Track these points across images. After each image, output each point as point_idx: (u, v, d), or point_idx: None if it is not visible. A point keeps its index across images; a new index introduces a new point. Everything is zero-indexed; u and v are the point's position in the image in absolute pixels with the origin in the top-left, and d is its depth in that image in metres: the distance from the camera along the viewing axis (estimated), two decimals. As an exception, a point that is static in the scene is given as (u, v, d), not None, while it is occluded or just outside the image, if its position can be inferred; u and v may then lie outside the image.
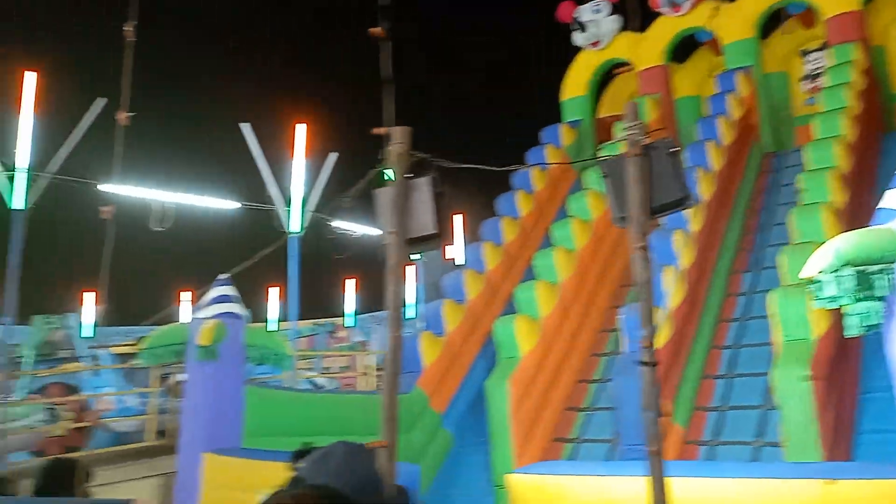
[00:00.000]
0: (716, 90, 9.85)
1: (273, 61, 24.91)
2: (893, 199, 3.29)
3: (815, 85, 10.10)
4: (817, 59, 10.35)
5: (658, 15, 11.25)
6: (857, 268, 3.02)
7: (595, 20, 11.63)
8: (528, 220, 9.07)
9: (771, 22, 10.87)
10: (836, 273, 3.05)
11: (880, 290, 3.00)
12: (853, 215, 6.81)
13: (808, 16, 10.61)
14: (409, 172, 3.36)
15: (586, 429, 6.81)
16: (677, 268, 6.75)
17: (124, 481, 7.25)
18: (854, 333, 3.06)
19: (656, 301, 5.87)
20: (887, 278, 2.99)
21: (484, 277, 8.08)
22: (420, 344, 7.11)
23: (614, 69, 11.93)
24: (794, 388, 5.10)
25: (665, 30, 11.21)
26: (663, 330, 6.14)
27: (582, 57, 11.89)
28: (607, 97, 12.08)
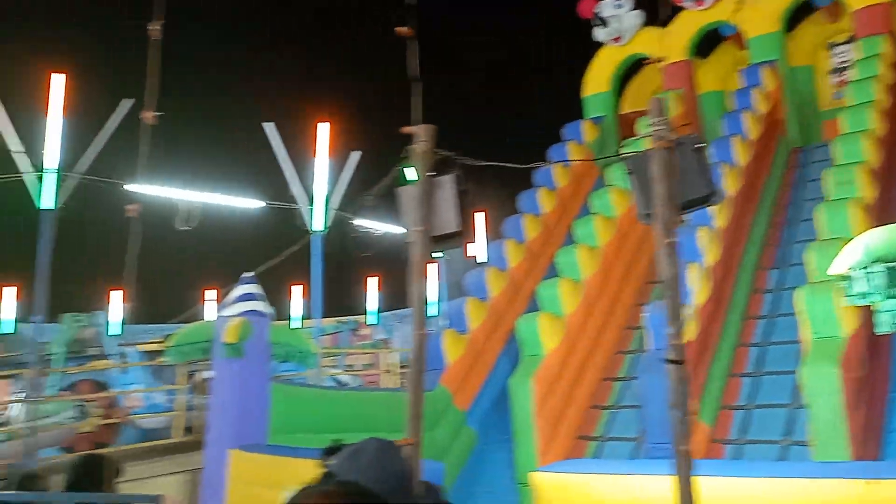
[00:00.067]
0: (741, 85, 9.73)
1: (296, 61, 25.08)
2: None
3: (843, 78, 9.95)
4: (844, 53, 10.19)
5: (681, 9, 11.14)
6: (888, 264, 2.98)
7: (617, 15, 11.54)
8: (550, 217, 9.02)
9: (797, 15, 10.72)
10: (865, 269, 3.00)
11: (912, 287, 2.95)
12: (882, 211, 6.70)
13: (834, 8, 10.44)
14: (433, 170, 3.37)
15: (611, 427, 6.77)
16: (702, 265, 6.68)
17: (152, 477, 7.35)
18: (885, 330, 3.02)
19: (682, 298, 5.82)
20: (919, 275, 2.94)
21: (507, 275, 8.05)
22: (443, 341, 7.10)
23: (643, 61, 11.81)
24: (824, 385, 5.03)
25: (688, 24, 11.08)
26: (689, 327, 6.09)
27: (604, 52, 11.80)
28: (630, 93, 11.98)
